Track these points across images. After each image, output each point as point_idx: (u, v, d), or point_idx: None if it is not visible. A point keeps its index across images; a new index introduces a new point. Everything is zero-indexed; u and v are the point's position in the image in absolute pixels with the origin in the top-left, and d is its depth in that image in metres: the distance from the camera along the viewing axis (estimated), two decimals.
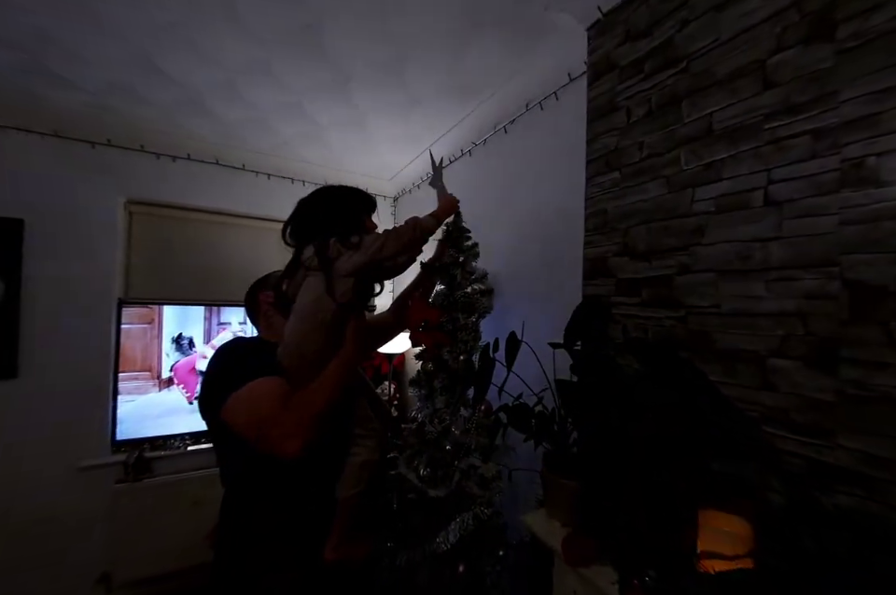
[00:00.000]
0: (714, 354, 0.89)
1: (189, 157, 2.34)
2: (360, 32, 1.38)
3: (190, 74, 1.64)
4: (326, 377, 0.86)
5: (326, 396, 0.84)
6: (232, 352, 0.93)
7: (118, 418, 2.19)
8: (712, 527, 0.79)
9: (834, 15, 0.72)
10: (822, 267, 0.73)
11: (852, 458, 0.69)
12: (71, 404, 2.08)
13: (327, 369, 0.87)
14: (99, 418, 2.15)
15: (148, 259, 2.39)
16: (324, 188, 0.98)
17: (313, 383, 0.85)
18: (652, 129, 1.04)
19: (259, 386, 0.81)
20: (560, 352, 1.12)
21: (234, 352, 0.93)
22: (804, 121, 0.76)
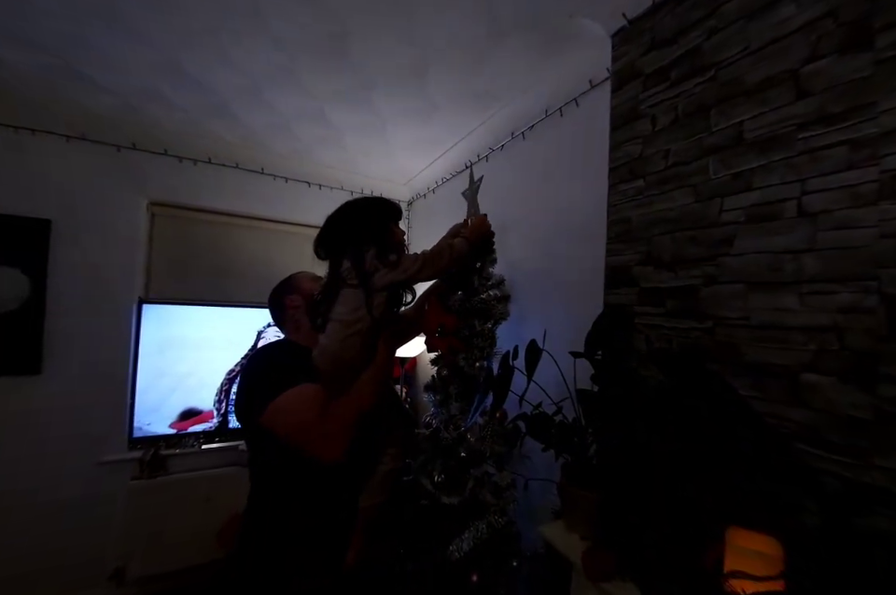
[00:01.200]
0: (742, 368, 0.87)
1: (210, 160, 2.39)
2: (386, 40, 1.39)
3: (218, 79, 1.68)
4: (363, 383, 0.90)
5: (365, 402, 0.88)
6: (269, 358, 0.96)
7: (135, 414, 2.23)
8: (740, 546, 0.77)
9: (872, 24, 0.71)
10: (859, 280, 0.71)
11: (889, 478, 0.67)
12: (91, 401, 2.12)
13: (363, 376, 0.90)
14: (118, 415, 2.19)
15: (169, 260, 2.44)
16: (350, 202, 1.00)
17: (350, 390, 0.88)
18: (678, 137, 1.03)
19: (301, 392, 0.83)
20: (580, 360, 1.11)
21: (271, 359, 0.95)
22: (839, 131, 0.74)
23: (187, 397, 2.38)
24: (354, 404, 0.87)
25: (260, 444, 0.91)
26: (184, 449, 2.31)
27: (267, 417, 0.82)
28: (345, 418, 0.84)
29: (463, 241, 1.10)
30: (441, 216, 2.65)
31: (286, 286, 1.08)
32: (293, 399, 0.82)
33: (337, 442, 0.83)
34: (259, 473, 0.94)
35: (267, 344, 1.05)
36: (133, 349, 2.24)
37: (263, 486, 0.93)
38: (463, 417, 1.41)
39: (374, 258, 0.89)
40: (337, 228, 0.96)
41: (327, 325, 0.91)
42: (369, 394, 0.89)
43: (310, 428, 0.81)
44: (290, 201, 2.67)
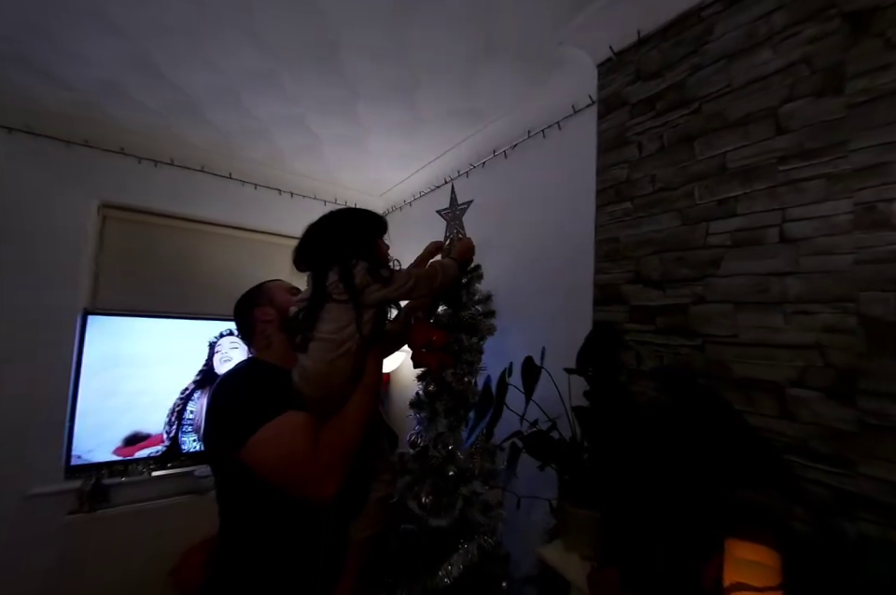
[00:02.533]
0: (731, 383, 0.91)
1: (172, 162, 2.24)
2: (379, 52, 1.39)
3: (192, 79, 1.59)
4: (354, 408, 0.82)
5: (358, 430, 0.81)
6: (244, 383, 0.84)
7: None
8: (739, 557, 0.78)
9: (844, 72, 0.79)
10: (839, 302, 0.78)
11: (874, 486, 0.71)
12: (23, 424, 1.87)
13: (354, 400, 0.83)
14: (53, 440, 1.94)
15: (120, 268, 2.23)
16: (335, 213, 0.94)
17: (339, 417, 0.80)
18: (664, 164, 1.09)
19: (286, 423, 0.74)
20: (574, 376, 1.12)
21: (247, 384, 0.83)
22: (817, 166, 0.82)
23: (139, 419, 2.16)
24: (347, 432, 0.79)
25: (233, 479, 0.79)
26: (131, 478, 2.08)
27: (247, 452, 0.71)
28: (340, 449, 0.76)
29: (452, 262, 1.06)
30: (418, 230, 2.64)
31: (256, 297, 0.96)
32: (278, 431, 0.72)
33: (332, 477, 0.74)
34: (230, 510, 0.83)
35: (238, 366, 0.90)
36: (74, 365, 2.01)
37: (236, 524, 0.82)
38: (451, 434, 1.37)
39: (365, 273, 0.83)
40: (322, 239, 0.89)
41: (309, 345, 0.82)
42: (362, 421, 0.82)
43: (301, 464, 0.72)
44: (259, 209, 2.56)
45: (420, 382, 1.48)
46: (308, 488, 0.73)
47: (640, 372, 1.10)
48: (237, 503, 0.81)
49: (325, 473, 0.73)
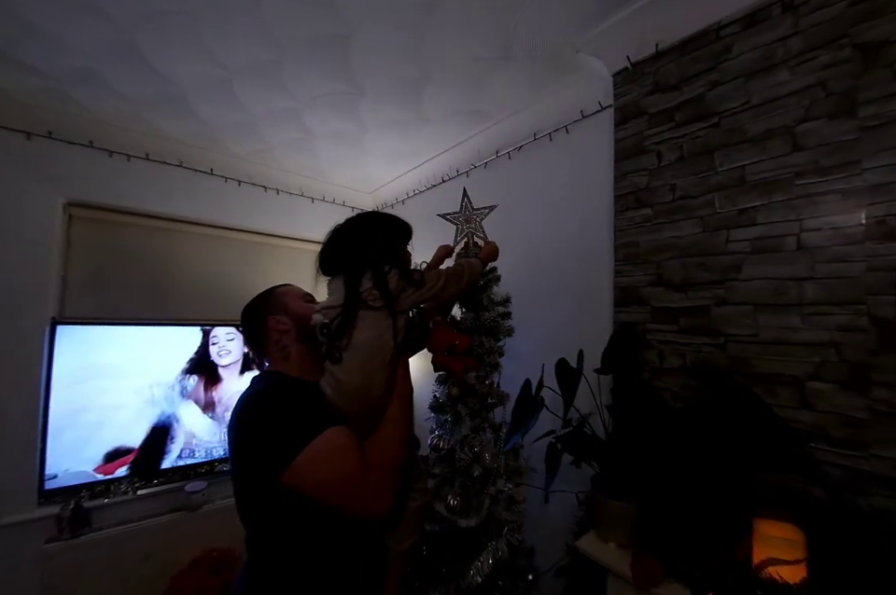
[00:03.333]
0: (753, 378, 1.00)
1: (147, 156, 2.07)
2: (391, 49, 1.35)
3: (180, 68, 1.47)
4: (396, 421, 0.80)
5: (403, 443, 0.79)
6: (274, 401, 0.78)
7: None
8: (767, 535, 0.88)
9: (857, 97, 0.88)
10: (852, 304, 0.88)
11: (886, 465, 0.82)
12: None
13: (391, 412, 0.80)
14: (24, 463, 1.76)
15: (92, 272, 2.04)
16: (365, 217, 0.92)
17: (382, 431, 0.78)
18: (685, 173, 1.16)
19: (331, 440, 0.70)
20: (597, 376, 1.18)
21: (278, 402, 0.77)
22: (832, 182, 0.91)
23: (121, 434, 2.00)
24: (394, 447, 0.77)
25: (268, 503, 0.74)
26: (114, 498, 1.94)
27: (293, 474, 0.68)
28: (390, 464, 0.74)
29: (479, 262, 1.08)
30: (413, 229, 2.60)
31: (268, 304, 0.90)
32: (324, 449, 0.69)
33: (385, 493, 0.73)
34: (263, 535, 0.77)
35: (261, 383, 0.84)
36: (43, 380, 1.83)
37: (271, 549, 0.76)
38: (476, 436, 1.40)
39: (398, 278, 0.82)
40: (354, 244, 0.86)
41: (343, 355, 0.78)
42: (405, 433, 0.80)
43: (353, 482, 0.70)
44: (244, 207, 2.42)
45: (440, 386, 1.48)
46: (362, 506, 0.71)
47: (663, 370, 1.17)
48: (273, 527, 0.75)
49: (377, 490, 0.72)
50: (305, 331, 0.85)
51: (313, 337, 0.83)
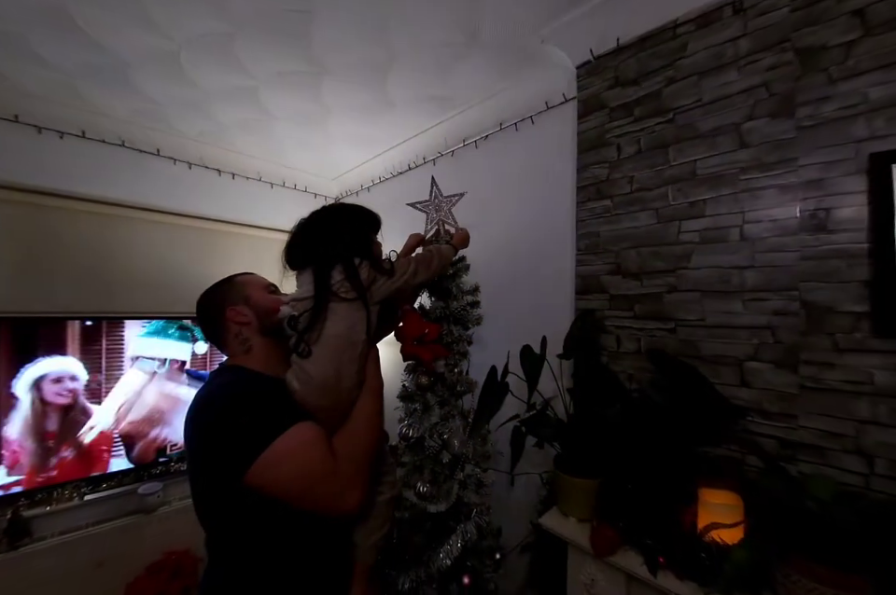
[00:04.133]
0: (700, 359, 1.08)
1: (83, 134, 1.88)
2: (354, 28, 1.30)
3: (122, 38, 1.34)
4: (366, 414, 0.79)
5: (374, 436, 0.79)
6: (237, 397, 0.73)
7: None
8: (710, 502, 0.96)
9: (795, 98, 0.95)
10: (786, 291, 0.96)
11: (811, 434, 0.92)
12: None
13: (362, 406, 0.79)
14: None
15: (16, 261, 1.84)
16: (331, 209, 0.90)
17: (351, 425, 0.77)
18: (642, 166, 1.21)
19: (299, 436, 0.68)
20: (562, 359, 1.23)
21: (241, 398, 0.73)
22: (771, 177, 0.98)
23: None
24: (364, 438, 0.76)
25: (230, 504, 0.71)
26: (58, 505, 1.80)
27: (256, 474, 0.65)
28: (360, 456, 0.74)
29: (450, 248, 1.09)
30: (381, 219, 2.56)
31: (227, 293, 0.85)
32: (291, 447, 0.67)
33: (356, 487, 0.72)
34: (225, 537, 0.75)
35: (219, 378, 0.80)
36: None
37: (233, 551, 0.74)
38: (445, 423, 1.42)
39: (370, 268, 0.81)
40: (322, 237, 0.84)
41: (313, 349, 0.76)
42: (376, 427, 0.80)
43: (321, 479, 0.68)
44: (195, 191, 2.28)
45: (409, 375, 1.49)
46: (332, 502, 0.70)
47: (620, 354, 1.24)
48: (235, 527, 0.73)
49: (347, 486, 0.70)
50: (268, 323, 0.81)
51: (277, 330, 0.80)
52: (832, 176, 0.90)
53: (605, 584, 1.03)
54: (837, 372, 0.89)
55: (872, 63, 0.87)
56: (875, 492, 0.84)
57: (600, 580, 1.04)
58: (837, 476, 0.87)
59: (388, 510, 0.89)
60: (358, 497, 0.72)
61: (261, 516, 0.70)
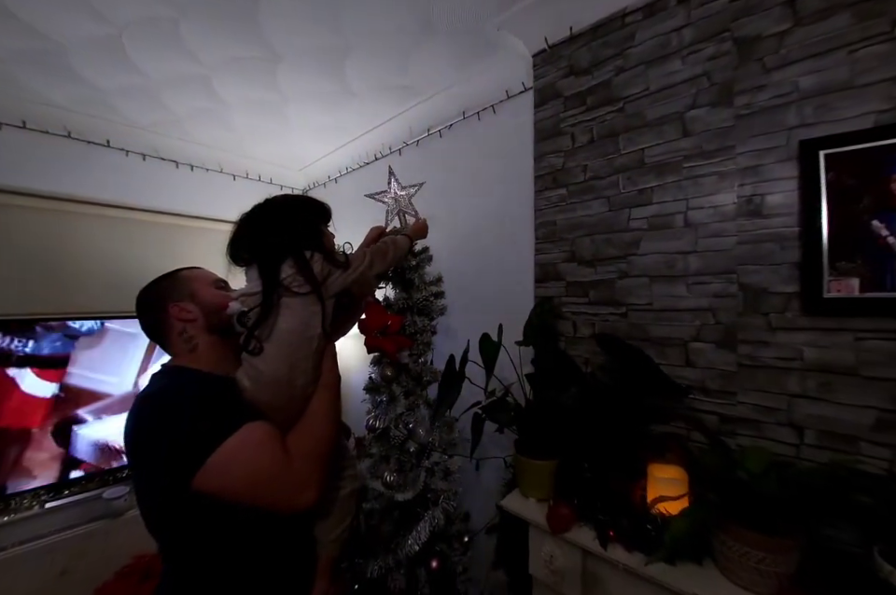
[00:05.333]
0: (649, 342, 1.12)
1: (24, 125, 1.78)
2: (306, 11, 1.26)
3: (58, 23, 1.27)
4: (322, 411, 0.78)
5: (330, 432, 0.77)
6: (183, 398, 0.70)
7: None
8: (658, 477, 1.01)
9: (733, 87, 0.98)
10: (725, 274, 1.00)
11: (748, 409, 0.97)
12: None
13: (317, 402, 0.78)
14: None
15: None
16: (275, 201, 0.86)
17: (307, 421, 0.75)
18: (594, 155, 1.23)
19: (249, 436, 0.66)
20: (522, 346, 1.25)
21: (187, 399, 0.69)
22: (712, 165, 1.02)
23: None
24: (318, 436, 0.74)
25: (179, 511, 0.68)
26: (18, 515, 1.73)
27: (204, 479, 0.63)
28: (315, 453, 0.72)
29: (405, 238, 1.07)
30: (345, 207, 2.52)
31: (170, 289, 0.81)
32: (240, 448, 0.65)
33: (311, 484, 0.70)
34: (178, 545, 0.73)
35: (162, 380, 0.76)
36: None
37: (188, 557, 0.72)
38: (411, 413, 1.43)
39: (323, 261, 0.79)
40: (269, 230, 0.80)
41: (265, 346, 0.74)
42: (332, 422, 0.78)
43: (273, 479, 0.66)
44: (151, 184, 2.19)
45: (374, 367, 1.49)
46: (287, 500, 0.69)
47: (577, 339, 1.27)
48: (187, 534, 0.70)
49: (301, 484, 0.69)
50: (216, 320, 0.79)
51: (226, 327, 0.78)
52: (766, 163, 0.94)
53: (563, 560, 1.06)
54: (771, 350, 0.94)
55: (802, 53, 0.91)
56: (804, 461, 0.90)
57: (558, 556, 1.08)
58: (773, 447, 0.93)
59: (350, 503, 0.88)
60: (314, 495, 0.70)
61: (215, 521, 0.68)
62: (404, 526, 1.39)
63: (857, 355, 0.84)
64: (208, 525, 0.68)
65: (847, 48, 0.86)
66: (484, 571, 1.44)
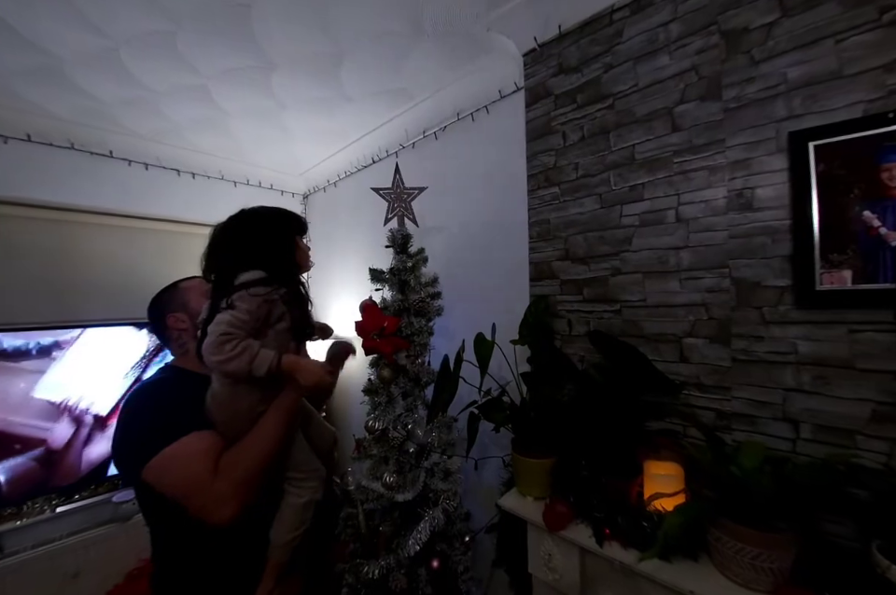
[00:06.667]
0: (644, 338, 1.12)
1: (29, 138, 1.83)
2: (297, 20, 1.28)
3: (57, 38, 1.31)
4: (265, 432, 0.77)
5: (262, 455, 0.76)
6: (151, 397, 0.80)
7: None
8: (654, 474, 1.00)
9: (721, 80, 0.97)
10: (718, 268, 0.99)
11: (743, 404, 0.96)
12: None
13: (264, 421, 0.78)
14: None
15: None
16: (245, 213, 0.84)
17: (247, 440, 0.76)
18: (586, 152, 1.23)
19: (186, 448, 0.72)
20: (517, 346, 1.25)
21: (154, 399, 0.79)
22: (702, 159, 1.01)
23: None
24: (251, 456, 0.75)
25: (145, 498, 0.79)
26: (29, 519, 1.77)
27: (147, 473, 0.71)
28: (240, 474, 0.73)
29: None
30: (345, 210, 2.55)
31: (168, 301, 0.89)
32: (178, 455, 0.71)
33: (229, 502, 0.71)
34: (154, 530, 0.82)
35: (152, 377, 0.86)
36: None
37: (162, 544, 0.81)
38: (409, 414, 1.44)
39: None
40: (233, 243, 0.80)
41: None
42: (271, 449, 0.77)
43: (198, 490, 0.70)
44: (154, 192, 2.23)
45: (372, 369, 1.50)
46: (204, 515, 0.71)
47: (572, 337, 1.27)
48: (155, 521, 0.80)
49: (220, 499, 0.71)
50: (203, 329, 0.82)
51: None
52: (755, 156, 0.93)
53: (561, 558, 1.06)
54: (765, 344, 0.93)
55: (790, 44, 0.90)
56: (801, 456, 0.88)
57: (556, 555, 1.08)
58: (769, 442, 0.92)
59: (306, 513, 0.87)
60: (230, 512, 0.71)
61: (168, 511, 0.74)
62: (405, 526, 1.40)
63: (851, 348, 0.82)
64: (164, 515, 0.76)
65: (834, 38, 0.85)
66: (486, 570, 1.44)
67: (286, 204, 2.74)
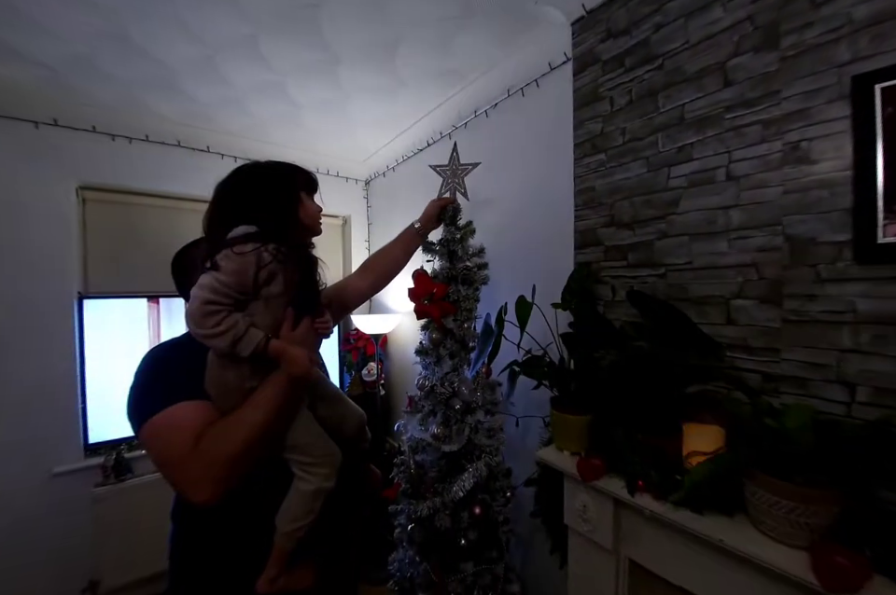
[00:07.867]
0: (689, 302, 1.11)
1: (147, 138, 2.20)
2: (359, 13, 1.41)
3: (167, 49, 1.57)
4: (246, 411, 0.70)
5: (242, 437, 0.68)
6: (158, 362, 0.78)
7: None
8: (693, 434, 1.01)
9: (779, 28, 0.93)
10: (769, 226, 0.96)
11: (793, 366, 0.93)
12: (37, 408, 1.94)
13: (259, 394, 0.72)
14: (69, 422, 2.03)
15: (108, 250, 2.23)
16: (245, 165, 0.82)
17: (235, 413, 0.70)
18: (633, 117, 1.22)
19: (175, 417, 0.68)
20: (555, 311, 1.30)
21: (156, 363, 0.78)
22: (755, 113, 0.97)
23: None
24: (237, 433, 0.68)
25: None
26: None
27: (141, 436, 0.70)
28: (220, 453, 0.66)
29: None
30: (403, 195, 2.70)
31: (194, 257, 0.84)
32: (161, 425, 0.67)
33: (204, 484, 0.66)
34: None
35: (170, 340, 0.85)
36: (77, 348, 2.07)
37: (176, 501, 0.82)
38: (455, 373, 1.56)
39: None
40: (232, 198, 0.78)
41: None
42: (265, 418, 0.69)
43: (172, 467, 0.67)
44: None
45: (423, 331, 1.64)
46: (182, 491, 0.68)
47: (615, 302, 1.29)
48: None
49: (195, 480, 0.66)
50: None
51: None
52: (814, 105, 0.88)
53: (595, 509, 1.12)
54: (819, 303, 0.89)
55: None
56: (856, 420, 0.85)
57: (591, 506, 1.14)
58: (820, 406, 0.89)
59: (314, 502, 0.79)
60: (207, 494, 0.66)
61: None
62: (451, 474, 1.53)
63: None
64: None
65: None
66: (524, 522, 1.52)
67: (349, 190, 3.01)
